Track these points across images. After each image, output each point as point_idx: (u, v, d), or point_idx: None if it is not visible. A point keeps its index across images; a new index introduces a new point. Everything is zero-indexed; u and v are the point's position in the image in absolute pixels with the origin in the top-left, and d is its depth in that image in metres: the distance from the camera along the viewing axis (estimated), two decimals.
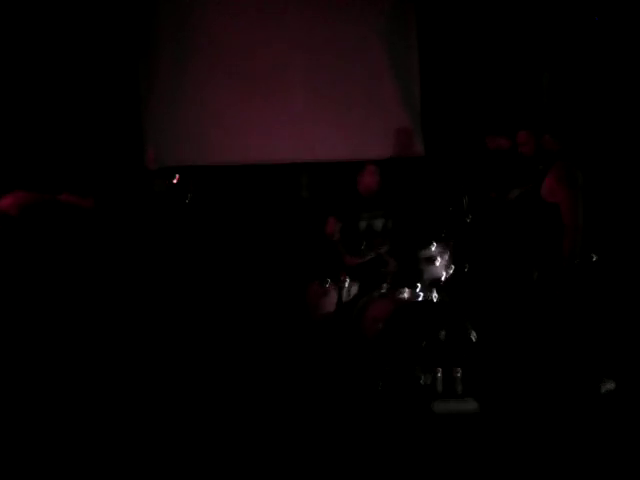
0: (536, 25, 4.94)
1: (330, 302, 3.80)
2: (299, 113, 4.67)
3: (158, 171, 4.11)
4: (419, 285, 3.71)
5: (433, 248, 3.80)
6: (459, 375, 3.30)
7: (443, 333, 3.46)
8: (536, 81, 5.02)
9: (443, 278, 3.79)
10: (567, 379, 3.27)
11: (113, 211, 3.89)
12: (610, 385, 3.25)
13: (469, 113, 5.08)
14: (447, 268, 3.81)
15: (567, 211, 3.35)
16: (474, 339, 3.52)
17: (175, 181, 3.92)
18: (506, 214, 3.85)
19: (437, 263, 3.80)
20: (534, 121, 4.95)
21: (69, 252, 3.57)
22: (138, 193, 4.02)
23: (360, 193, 4.16)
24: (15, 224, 3.13)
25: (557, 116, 4.80)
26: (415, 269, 3.79)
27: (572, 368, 3.34)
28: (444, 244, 3.85)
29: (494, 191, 4.06)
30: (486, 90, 5.13)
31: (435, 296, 3.64)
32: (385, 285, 3.80)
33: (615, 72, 4.56)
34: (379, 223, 4.14)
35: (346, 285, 3.80)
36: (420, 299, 3.68)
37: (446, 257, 3.82)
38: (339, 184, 4.35)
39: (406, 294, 3.72)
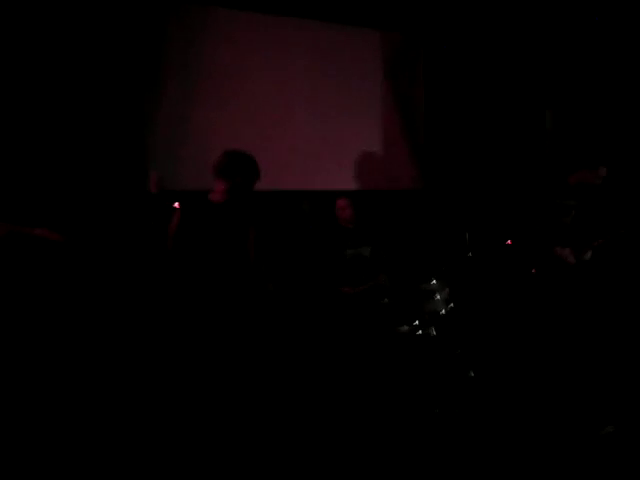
0: (539, 64, 5.00)
1: None
2: (302, 142, 4.71)
3: (160, 194, 4.10)
4: (417, 320, 3.69)
5: (432, 283, 3.79)
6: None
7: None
8: (539, 119, 5.06)
9: (442, 313, 3.76)
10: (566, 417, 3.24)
11: (113, 233, 3.88)
12: (610, 429, 3.21)
13: (471, 149, 5.12)
14: (446, 303, 3.78)
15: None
16: (472, 375, 3.49)
17: (176, 206, 3.90)
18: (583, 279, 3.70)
19: (436, 298, 3.78)
20: (537, 159, 5.00)
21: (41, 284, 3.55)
22: (140, 214, 4.02)
23: (340, 225, 4.22)
24: None
25: (560, 154, 4.83)
26: (414, 303, 3.76)
27: (571, 405, 3.32)
28: (444, 279, 3.84)
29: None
30: (489, 126, 5.17)
31: (433, 331, 3.61)
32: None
33: (617, 108, 4.60)
34: (366, 252, 4.14)
35: None
36: (419, 334, 3.66)
37: (445, 292, 3.80)
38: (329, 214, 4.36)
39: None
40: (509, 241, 3.94)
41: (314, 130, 4.76)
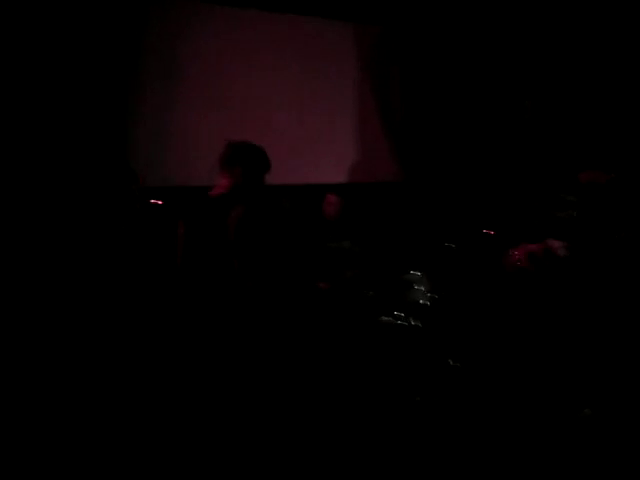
0: (518, 54, 5.04)
1: None
2: (284, 138, 4.73)
3: (143, 190, 4.11)
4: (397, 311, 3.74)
5: (414, 273, 3.83)
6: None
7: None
8: (518, 110, 5.11)
9: (424, 303, 3.81)
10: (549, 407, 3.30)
11: (94, 231, 3.88)
12: (587, 412, 3.27)
13: (451, 142, 5.16)
14: (428, 294, 3.83)
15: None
16: (452, 364, 3.54)
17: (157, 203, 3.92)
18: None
19: (418, 288, 3.83)
20: (518, 148, 5.05)
21: None
22: (121, 211, 4.02)
23: (325, 218, 4.26)
24: None
25: (541, 143, 4.88)
26: (394, 294, 3.81)
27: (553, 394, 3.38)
28: (424, 270, 3.89)
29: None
30: (469, 118, 5.22)
31: (413, 322, 3.66)
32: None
33: (599, 99, 4.65)
34: (346, 245, 4.19)
35: None
36: (398, 324, 3.70)
37: (427, 283, 3.85)
38: (310, 208, 4.40)
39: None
40: (488, 231, 3.99)
41: (294, 125, 4.79)
